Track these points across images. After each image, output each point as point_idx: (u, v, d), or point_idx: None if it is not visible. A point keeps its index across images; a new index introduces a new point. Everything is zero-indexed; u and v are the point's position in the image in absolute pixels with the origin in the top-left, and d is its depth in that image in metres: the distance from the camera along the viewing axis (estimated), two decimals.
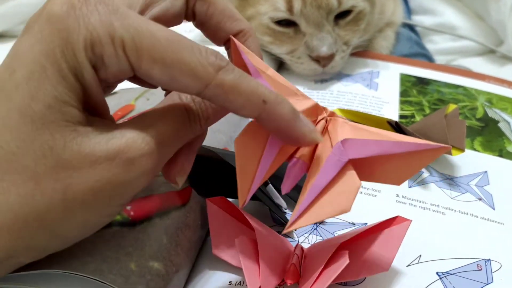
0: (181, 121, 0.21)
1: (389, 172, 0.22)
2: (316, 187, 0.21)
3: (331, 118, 0.23)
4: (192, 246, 0.27)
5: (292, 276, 0.24)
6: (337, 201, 0.21)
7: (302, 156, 0.22)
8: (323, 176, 0.21)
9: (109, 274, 0.22)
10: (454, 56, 0.64)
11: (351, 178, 0.21)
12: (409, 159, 0.21)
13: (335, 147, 0.21)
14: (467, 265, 0.27)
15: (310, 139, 0.21)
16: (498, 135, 0.39)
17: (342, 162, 0.21)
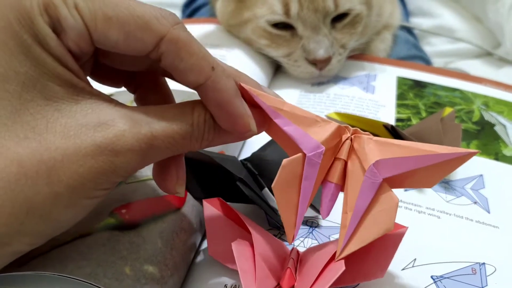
0: (183, 134, 0.20)
1: (421, 180, 0.22)
2: (357, 212, 0.22)
3: (355, 136, 0.23)
4: (188, 250, 0.27)
5: (287, 280, 0.24)
6: (380, 221, 0.22)
7: (333, 179, 0.23)
8: (362, 200, 0.22)
9: (104, 278, 0.22)
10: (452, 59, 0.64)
11: (389, 197, 0.22)
12: (439, 167, 0.21)
13: (368, 171, 0.22)
14: (462, 269, 0.27)
15: (246, 122, 0.21)
16: (494, 139, 0.39)
17: (378, 184, 0.22)
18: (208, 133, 0.21)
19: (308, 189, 0.23)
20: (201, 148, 0.22)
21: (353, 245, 0.22)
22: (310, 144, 0.22)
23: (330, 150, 0.23)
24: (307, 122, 0.23)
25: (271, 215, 0.29)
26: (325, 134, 0.23)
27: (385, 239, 0.25)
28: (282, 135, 0.23)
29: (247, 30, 0.46)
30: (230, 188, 0.28)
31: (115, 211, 0.25)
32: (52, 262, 0.22)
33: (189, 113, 0.21)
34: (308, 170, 0.22)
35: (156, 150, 0.20)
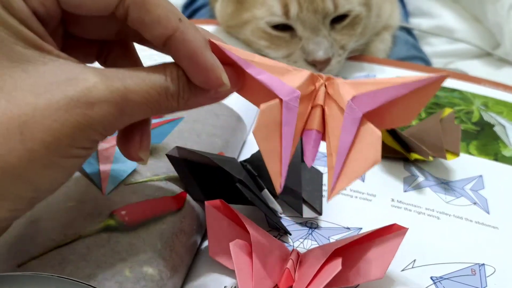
0: (158, 90, 0.20)
1: (399, 115, 0.22)
2: (342, 150, 0.22)
3: (329, 82, 0.23)
4: (187, 251, 0.27)
5: (285, 281, 0.24)
6: (366, 154, 0.21)
7: (314, 125, 0.23)
8: (345, 137, 0.22)
9: (103, 280, 0.22)
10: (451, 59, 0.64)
11: (371, 130, 0.21)
12: (415, 97, 0.21)
13: (347, 107, 0.22)
14: (462, 270, 0.27)
15: (218, 74, 0.21)
16: (493, 139, 0.39)
17: (358, 119, 0.22)
18: (183, 90, 0.21)
19: (289, 135, 0.22)
20: (179, 109, 0.22)
21: (343, 182, 0.22)
22: (285, 90, 0.22)
23: (305, 97, 0.23)
24: (280, 71, 0.23)
25: (271, 216, 0.29)
26: (299, 81, 0.22)
27: (385, 239, 0.25)
28: (255, 90, 0.23)
29: (246, 31, 0.46)
30: (230, 190, 0.28)
31: (114, 212, 0.25)
32: (51, 263, 0.22)
33: (161, 70, 0.21)
34: (287, 115, 0.22)
35: (132, 105, 0.19)
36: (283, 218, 0.30)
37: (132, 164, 0.29)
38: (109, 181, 0.27)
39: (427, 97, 0.21)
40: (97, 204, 0.26)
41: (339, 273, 0.23)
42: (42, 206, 0.26)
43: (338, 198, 0.32)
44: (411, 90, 0.21)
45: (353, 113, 0.22)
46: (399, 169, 0.35)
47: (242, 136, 0.38)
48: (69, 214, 0.25)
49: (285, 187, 0.30)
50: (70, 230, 0.24)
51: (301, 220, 0.30)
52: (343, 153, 0.22)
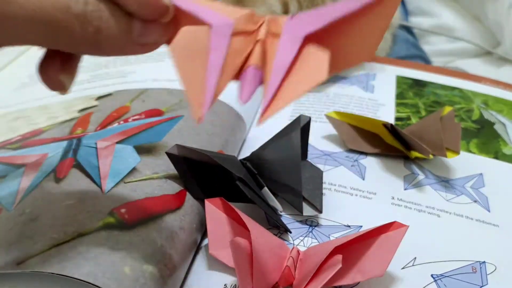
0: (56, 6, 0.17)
1: (353, 44, 0.19)
2: (279, 67, 0.18)
3: (273, 21, 0.20)
4: (187, 249, 0.27)
5: (285, 278, 0.24)
6: (310, 70, 0.18)
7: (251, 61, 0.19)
8: (282, 56, 0.18)
9: (102, 278, 0.22)
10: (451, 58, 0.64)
11: (316, 51, 0.18)
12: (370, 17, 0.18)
13: (285, 24, 0.19)
14: (462, 268, 0.27)
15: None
16: (493, 137, 0.39)
17: (299, 38, 0.18)
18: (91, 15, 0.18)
19: (217, 60, 0.18)
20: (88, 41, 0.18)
21: (280, 102, 0.18)
22: (217, 18, 0.19)
23: (244, 34, 0.19)
24: (216, 6, 0.20)
25: (271, 214, 0.29)
26: (236, 15, 0.19)
27: (385, 237, 0.25)
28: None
29: None
30: (230, 188, 0.28)
31: (114, 210, 0.25)
32: (51, 261, 0.22)
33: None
34: (216, 40, 0.19)
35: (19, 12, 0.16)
36: (283, 216, 0.30)
37: (132, 162, 0.29)
38: (108, 179, 0.27)
39: (385, 17, 0.18)
40: (96, 202, 0.26)
41: (339, 270, 0.23)
42: (42, 204, 0.26)
43: (338, 196, 0.32)
44: (364, 5, 0.17)
45: (293, 31, 0.18)
46: (399, 167, 0.35)
47: (242, 135, 0.38)
48: (68, 212, 0.25)
49: (285, 185, 0.30)
50: (69, 228, 0.24)
51: (301, 218, 0.30)
52: (279, 71, 0.18)
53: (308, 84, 0.17)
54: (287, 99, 0.17)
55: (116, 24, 0.18)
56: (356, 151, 0.36)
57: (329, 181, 0.33)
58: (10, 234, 0.24)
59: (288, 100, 0.17)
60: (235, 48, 0.19)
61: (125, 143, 0.30)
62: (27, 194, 0.27)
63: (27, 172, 0.28)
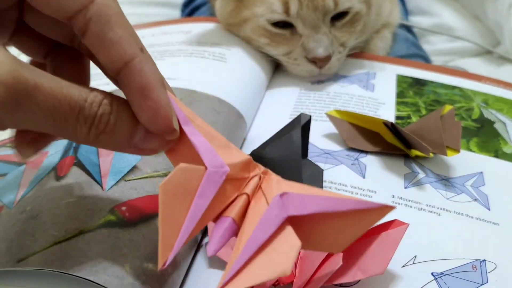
0: (71, 103, 0.18)
1: (328, 236, 0.20)
2: (252, 244, 0.18)
3: (265, 176, 0.21)
4: (188, 247, 0.27)
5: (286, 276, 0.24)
6: (276, 261, 0.18)
7: (231, 214, 0.20)
8: (259, 232, 0.19)
9: (103, 275, 0.22)
10: (451, 57, 0.64)
11: (291, 237, 0.19)
12: (351, 220, 0.19)
13: (273, 201, 0.19)
14: (462, 266, 0.27)
15: (170, 115, 0.19)
16: (494, 136, 0.39)
17: (281, 219, 0.19)
18: (100, 121, 0.18)
19: (200, 208, 0.19)
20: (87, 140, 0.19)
21: (239, 282, 0.18)
22: (214, 161, 0.20)
23: (235, 181, 0.20)
24: (218, 143, 0.20)
25: None
26: (234, 159, 0.20)
27: (386, 235, 0.25)
28: (185, 155, 0.20)
29: (246, 29, 0.46)
30: None
31: (115, 208, 0.25)
32: (52, 258, 0.22)
33: (87, 90, 0.18)
34: (205, 187, 0.19)
35: (36, 105, 0.17)
36: None
37: (133, 160, 0.29)
38: (109, 177, 0.27)
39: (365, 225, 0.19)
40: (97, 199, 0.26)
41: (340, 268, 0.23)
42: (43, 201, 0.26)
43: None
44: (349, 210, 0.19)
45: (278, 210, 0.19)
46: (400, 166, 0.35)
47: (242, 133, 0.38)
48: (69, 209, 0.25)
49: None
50: (70, 225, 0.24)
51: None
52: (250, 249, 0.18)
53: (271, 274, 0.18)
54: (248, 281, 0.18)
55: (121, 128, 0.19)
56: (357, 149, 0.36)
57: (330, 179, 0.33)
58: (11, 231, 0.24)
59: (249, 283, 0.18)
60: (223, 193, 0.20)
61: None
62: (28, 192, 0.27)
63: (28, 170, 0.28)
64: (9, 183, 0.27)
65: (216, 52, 0.45)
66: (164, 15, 0.69)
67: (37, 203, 0.26)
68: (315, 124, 0.39)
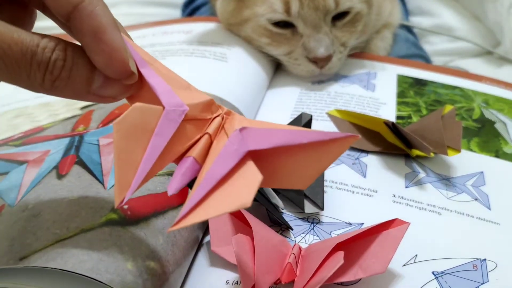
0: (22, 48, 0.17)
1: (293, 172, 0.19)
2: (211, 177, 0.18)
3: (228, 117, 0.21)
4: (189, 246, 0.27)
5: (287, 274, 0.24)
6: (236, 194, 0.17)
7: (193, 153, 0.19)
8: (219, 166, 0.18)
9: (105, 274, 0.22)
10: (452, 57, 0.64)
11: (251, 170, 0.18)
12: (314, 152, 0.18)
13: (232, 135, 0.19)
14: (463, 265, 0.27)
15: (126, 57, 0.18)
16: (494, 136, 0.39)
17: (241, 153, 0.18)
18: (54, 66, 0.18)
19: (157, 147, 0.18)
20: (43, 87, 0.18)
21: (198, 215, 0.17)
22: (172, 100, 0.19)
23: (196, 122, 0.20)
24: (177, 84, 0.20)
25: (272, 211, 0.29)
26: (194, 100, 0.20)
27: (387, 234, 0.25)
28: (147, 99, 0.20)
29: (247, 28, 0.46)
30: None
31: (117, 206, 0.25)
32: (54, 256, 0.22)
33: (39, 36, 0.18)
34: (163, 125, 0.19)
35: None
36: (285, 213, 0.30)
37: None
38: (111, 175, 0.27)
39: (331, 156, 0.19)
40: (99, 198, 0.26)
41: (341, 267, 0.23)
42: (44, 200, 0.26)
43: (339, 194, 0.32)
44: (311, 142, 0.18)
45: (237, 143, 0.18)
46: (401, 165, 0.35)
47: None
48: (71, 208, 0.25)
49: None
50: (72, 224, 0.24)
51: (302, 215, 0.30)
52: (209, 182, 0.18)
53: (229, 206, 0.17)
54: (206, 214, 0.17)
55: (77, 74, 0.19)
56: (358, 149, 0.36)
57: (331, 178, 0.33)
58: (12, 229, 0.24)
59: (206, 216, 0.17)
60: (184, 134, 0.19)
61: None
62: (30, 190, 0.27)
63: (29, 168, 0.28)
64: (11, 181, 0.27)
65: (217, 52, 0.45)
66: (164, 15, 0.69)
67: (39, 202, 0.26)
68: (316, 123, 0.39)
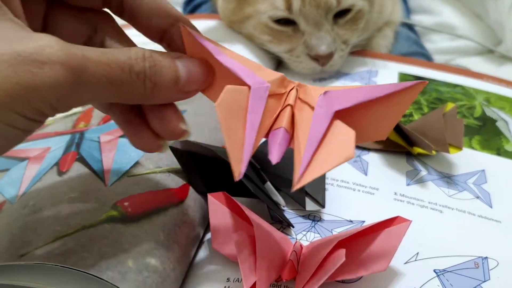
0: (121, 64, 0.19)
1: (373, 124, 0.21)
2: (312, 140, 0.20)
3: (301, 87, 0.23)
4: (190, 243, 0.27)
5: (288, 272, 0.24)
6: (339, 149, 0.20)
7: (282, 123, 0.21)
8: (316, 128, 0.20)
9: (106, 270, 0.22)
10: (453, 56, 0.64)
11: (344, 128, 0.20)
12: (391, 103, 0.21)
13: (319, 100, 0.21)
14: (465, 263, 0.27)
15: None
16: (496, 134, 0.39)
17: (330, 113, 0.20)
18: (150, 71, 0.20)
19: (254, 122, 0.20)
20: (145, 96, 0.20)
21: (312, 173, 0.20)
22: (255, 79, 0.21)
23: (275, 97, 0.22)
24: (251, 66, 0.22)
25: (274, 209, 0.29)
26: (269, 77, 0.22)
27: (389, 231, 0.25)
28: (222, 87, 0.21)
29: (248, 26, 0.46)
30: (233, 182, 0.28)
31: (117, 203, 0.25)
32: (54, 253, 0.22)
33: (126, 50, 0.19)
34: (254, 102, 0.21)
35: (91, 75, 0.17)
36: (286, 211, 0.30)
37: (135, 156, 0.29)
38: (112, 172, 0.27)
39: (404, 105, 0.21)
40: (100, 195, 0.26)
41: (342, 265, 0.23)
42: (45, 196, 0.26)
43: (340, 192, 0.32)
44: (387, 93, 0.20)
45: (326, 106, 0.21)
46: (402, 163, 0.35)
47: None
48: (72, 205, 0.25)
49: (288, 180, 0.30)
50: (73, 220, 0.24)
51: (304, 213, 0.30)
52: (313, 144, 0.20)
53: (337, 160, 0.19)
54: (317, 171, 0.19)
55: (168, 76, 0.20)
56: (359, 146, 0.36)
57: (332, 176, 0.33)
58: (13, 226, 0.24)
59: (319, 173, 0.19)
60: (268, 109, 0.21)
61: None
62: (30, 187, 0.27)
63: (30, 165, 0.28)
64: (12, 178, 0.27)
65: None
66: None
67: (40, 198, 0.26)
68: None
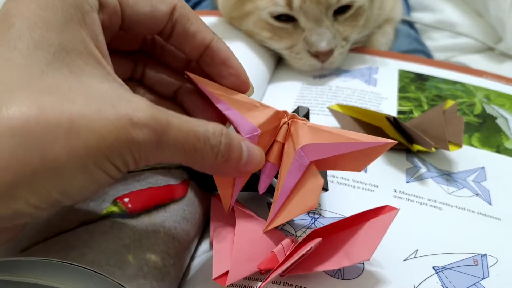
0: (199, 136, 0.20)
1: (348, 164, 0.25)
2: (285, 189, 0.25)
3: (292, 121, 0.26)
4: (190, 239, 0.27)
5: (267, 263, 0.24)
6: (305, 199, 0.24)
7: (271, 159, 0.26)
8: (289, 180, 0.25)
9: (106, 266, 0.22)
10: (453, 53, 0.64)
11: (314, 178, 0.24)
12: (363, 153, 0.24)
13: (296, 154, 0.24)
14: (464, 260, 0.27)
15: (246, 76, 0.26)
16: (495, 131, 0.39)
17: (304, 165, 0.24)
18: (223, 146, 0.21)
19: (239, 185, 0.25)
20: (214, 167, 0.21)
21: (280, 219, 0.25)
22: (247, 127, 0.24)
23: (269, 132, 0.25)
24: (247, 107, 0.25)
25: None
26: (263, 118, 0.25)
27: (375, 221, 0.25)
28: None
29: (249, 22, 0.46)
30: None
31: (117, 199, 0.25)
32: (55, 248, 0.22)
33: (205, 122, 0.21)
34: None
35: (170, 140, 0.19)
36: None
37: None
38: None
39: (375, 156, 0.24)
40: (100, 191, 0.26)
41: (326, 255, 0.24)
42: None
43: (340, 188, 0.32)
44: (360, 150, 0.24)
45: (301, 160, 0.24)
46: (402, 160, 0.35)
47: None
48: None
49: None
50: (73, 216, 0.24)
51: None
52: (284, 194, 0.25)
53: (301, 211, 0.25)
54: (284, 219, 0.25)
55: (236, 154, 0.22)
56: None
57: (332, 173, 0.33)
58: None
59: (285, 220, 0.25)
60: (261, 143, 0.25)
61: None
62: None
63: None
64: None
65: None
66: None
67: None
68: (317, 118, 0.39)
